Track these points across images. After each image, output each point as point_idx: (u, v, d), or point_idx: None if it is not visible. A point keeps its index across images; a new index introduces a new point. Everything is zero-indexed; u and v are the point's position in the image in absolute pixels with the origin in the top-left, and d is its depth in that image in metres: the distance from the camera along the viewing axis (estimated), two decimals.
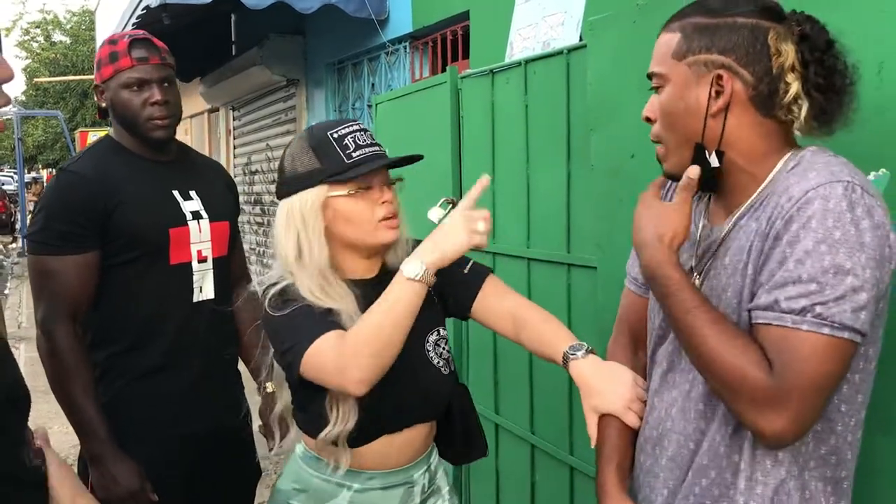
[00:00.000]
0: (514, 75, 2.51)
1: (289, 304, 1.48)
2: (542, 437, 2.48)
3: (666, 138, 1.23)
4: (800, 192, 1.06)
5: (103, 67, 2.04)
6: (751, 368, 1.05)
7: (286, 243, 1.52)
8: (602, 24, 2.00)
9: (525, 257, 2.50)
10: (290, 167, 1.54)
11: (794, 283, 1.03)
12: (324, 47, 5.68)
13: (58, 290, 1.93)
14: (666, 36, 1.21)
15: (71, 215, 1.94)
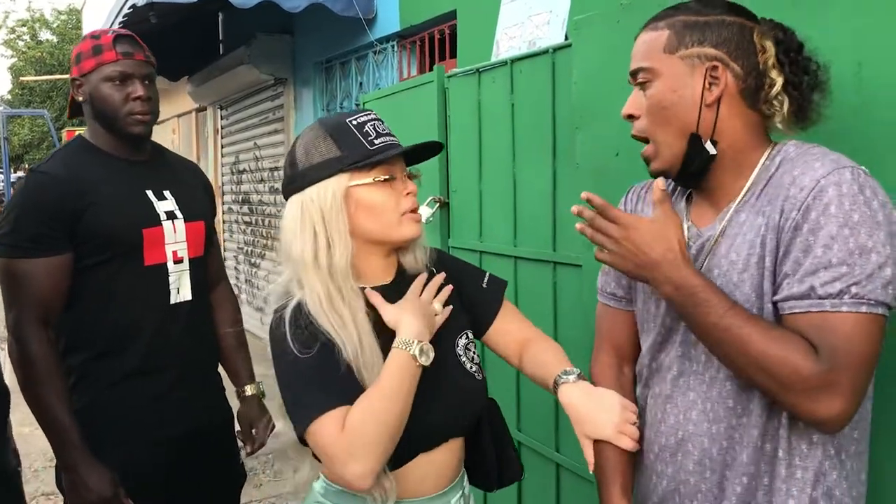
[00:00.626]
0: (500, 74, 2.52)
1: (301, 339, 1.30)
2: (529, 435, 2.49)
3: (655, 133, 1.24)
4: (811, 182, 1.09)
5: (84, 60, 2.01)
6: (799, 358, 1.06)
7: (300, 243, 1.36)
8: (587, 23, 2.01)
9: (512, 255, 2.51)
10: (303, 159, 1.39)
11: (825, 268, 1.06)
12: (311, 46, 5.68)
13: (29, 294, 1.88)
14: (651, 34, 1.24)
15: (41, 217, 1.89)
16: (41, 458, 4.82)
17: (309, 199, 1.37)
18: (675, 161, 1.23)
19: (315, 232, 1.36)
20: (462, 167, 2.77)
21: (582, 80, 2.04)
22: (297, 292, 1.37)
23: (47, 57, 23.20)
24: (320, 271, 1.35)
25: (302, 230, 1.37)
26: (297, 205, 1.38)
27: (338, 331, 1.31)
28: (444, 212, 2.89)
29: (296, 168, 1.40)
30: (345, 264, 1.36)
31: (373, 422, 1.24)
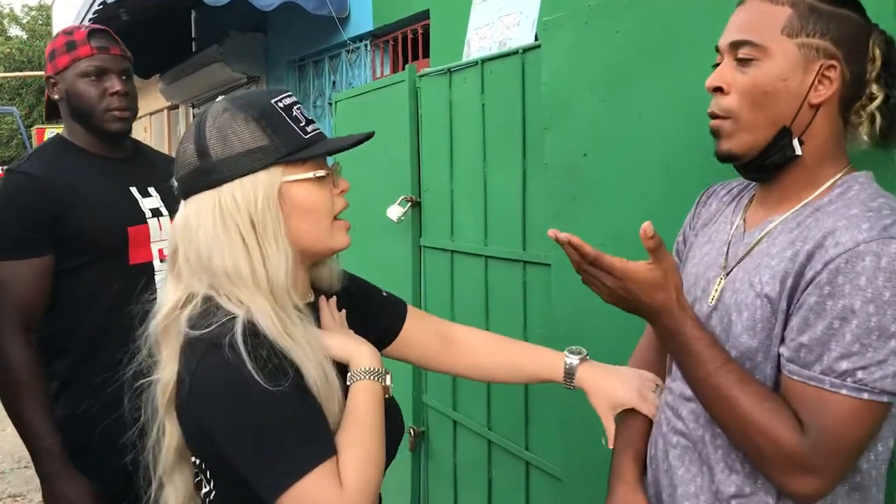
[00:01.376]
0: (471, 74, 2.53)
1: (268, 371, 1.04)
2: (499, 433, 2.50)
3: (744, 114, 1.13)
4: (850, 242, 1.00)
5: (58, 57, 1.96)
6: (785, 432, 1.03)
7: (228, 254, 1.11)
8: (555, 24, 2.03)
9: (482, 255, 2.52)
10: (217, 147, 1.12)
11: (836, 342, 0.99)
12: (285, 45, 5.65)
13: (8, 298, 1.83)
14: (770, 6, 1.12)
15: (20, 219, 1.84)
16: (8, 460, 4.77)
17: (229, 198, 1.12)
18: (753, 149, 1.14)
19: (244, 239, 1.11)
20: (433, 166, 2.78)
21: (551, 80, 2.05)
22: (235, 310, 1.10)
23: (16, 53, 22.88)
24: (259, 289, 1.11)
25: (227, 237, 1.11)
26: (211, 205, 1.12)
27: (301, 357, 1.10)
28: (415, 211, 2.89)
29: (207, 158, 1.13)
30: (284, 279, 1.13)
31: (373, 469, 1.09)
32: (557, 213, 2.06)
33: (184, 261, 1.15)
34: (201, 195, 1.14)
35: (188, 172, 1.15)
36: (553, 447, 2.21)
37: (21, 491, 4.40)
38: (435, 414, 2.91)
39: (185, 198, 1.17)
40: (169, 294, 1.18)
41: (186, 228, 1.14)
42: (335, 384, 1.14)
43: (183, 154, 1.16)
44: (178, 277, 1.17)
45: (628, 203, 1.81)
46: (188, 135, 1.17)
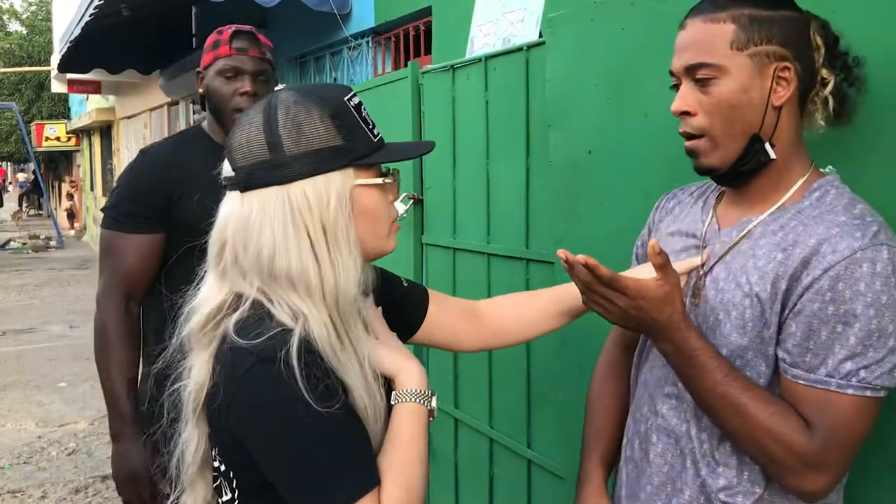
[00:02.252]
0: (474, 71, 2.52)
1: (319, 391, 0.99)
2: (501, 431, 2.50)
3: (716, 131, 1.17)
4: (848, 250, 1.05)
5: (205, 54, 2.08)
6: (794, 437, 1.07)
7: (294, 257, 1.04)
8: (560, 20, 2.02)
9: (485, 252, 2.52)
10: (291, 141, 1.06)
11: (840, 345, 1.04)
12: (286, 41, 5.64)
13: (116, 266, 1.98)
14: (712, 26, 1.16)
15: (136, 196, 1.99)
16: (7, 455, 4.76)
17: (300, 197, 1.05)
18: (729, 160, 1.18)
19: (312, 243, 1.05)
20: (436, 164, 2.77)
21: (555, 77, 2.04)
22: (288, 321, 1.04)
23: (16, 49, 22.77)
24: (324, 299, 1.05)
25: (296, 237, 1.05)
26: (279, 201, 1.05)
27: (352, 376, 1.05)
28: (417, 209, 2.88)
29: (279, 151, 1.06)
30: (354, 287, 1.07)
31: (416, 497, 1.05)
32: (561, 211, 2.05)
33: (232, 258, 1.09)
34: (267, 190, 1.06)
35: (254, 164, 1.07)
36: (555, 445, 2.20)
37: (20, 487, 4.39)
38: (436, 412, 2.90)
39: (244, 190, 1.08)
40: (211, 294, 1.11)
41: (247, 224, 1.07)
42: (380, 403, 1.09)
43: (247, 143, 1.08)
44: (222, 276, 1.11)
45: (633, 200, 1.80)
46: (253, 122, 1.09)
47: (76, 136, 19.92)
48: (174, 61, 7.46)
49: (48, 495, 4.27)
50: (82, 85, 12.89)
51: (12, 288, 11.36)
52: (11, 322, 8.82)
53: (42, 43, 22.18)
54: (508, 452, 2.47)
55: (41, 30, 23.06)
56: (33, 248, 16.52)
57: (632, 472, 1.34)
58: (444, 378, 2.80)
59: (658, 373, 1.29)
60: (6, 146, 25.27)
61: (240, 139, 1.10)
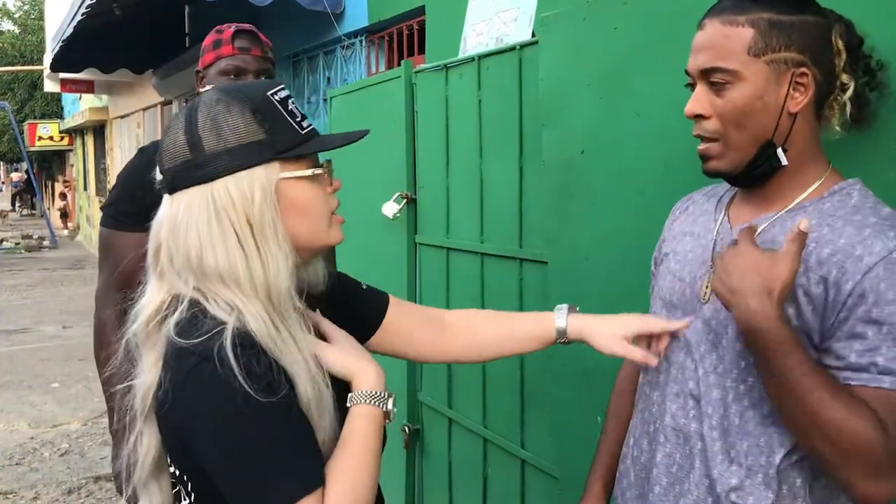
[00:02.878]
0: (467, 70, 2.51)
1: (263, 382, 0.99)
2: (495, 431, 2.50)
3: (730, 136, 1.16)
4: (884, 250, 1.04)
5: (206, 54, 2.08)
6: (873, 432, 1.02)
7: (221, 254, 1.05)
8: (553, 20, 2.02)
9: (478, 252, 2.51)
10: (211, 139, 1.06)
11: (888, 346, 1.03)
12: (279, 40, 5.61)
13: (114, 264, 1.98)
14: (730, 29, 1.13)
15: (135, 197, 1.97)
16: (0, 457, 4.74)
17: (223, 194, 1.06)
18: (741, 165, 1.17)
19: (239, 239, 1.05)
20: (429, 163, 2.76)
21: (548, 76, 2.04)
22: (223, 316, 1.04)
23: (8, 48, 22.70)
24: (255, 291, 1.05)
25: (221, 235, 1.05)
26: (203, 200, 1.06)
27: (295, 367, 1.04)
28: (410, 208, 2.88)
29: (199, 151, 1.06)
30: (286, 280, 1.07)
31: (362, 500, 1.04)
32: (554, 211, 2.05)
33: (167, 260, 1.09)
34: (191, 190, 1.07)
35: (177, 165, 1.08)
36: (549, 445, 2.20)
37: (12, 488, 4.37)
38: (430, 411, 2.90)
39: (171, 192, 1.10)
40: (151, 296, 1.11)
41: (174, 225, 1.08)
42: (328, 398, 1.08)
43: (171, 145, 1.09)
44: (160, 278, 1.10)
45: (626, 200, 1.80)
46: (176, 125, 1.10)
47: (69, 136, 19.87)
48: (167, 60, 7.44)
49: (41, 496, 4.25)
50: (75, 84, 12.87)
51: (5, 288, 11.33)
52: (4, 322, 8.79)
53: (35, 42, 22.11)
54: (502, 452, 2.47)
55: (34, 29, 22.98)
56: (26, 247, 16.48)
57: (640, 473, 1.33)
58: (438, 378, 2.79)
59: (668, 374, 1.29)
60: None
61: (166, 142, 1.11)
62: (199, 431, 1.01)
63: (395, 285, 2.96)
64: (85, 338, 7.74)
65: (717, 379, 1.19)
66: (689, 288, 1.26)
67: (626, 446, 1.40)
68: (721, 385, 1.19)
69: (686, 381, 1.23)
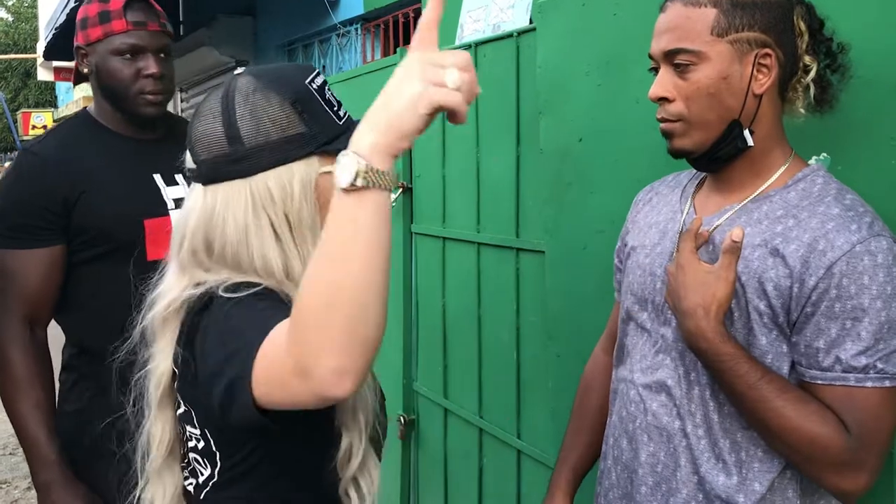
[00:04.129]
0: None
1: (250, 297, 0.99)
2: (491, 421, 2.49)
3: (693, 116, 1.15)
4: (846, 244, 1.05)
5: (90, 28, 1.78)
6: (832, 434, 1.05)
7: (257, 248, 1.03)
8: (551, 6, 1.99)
9: (475, 242, 2.49)
10: (252, 132, 1.03)
11: (852, 341, 1.04)
12: (274, 28, 5.59)
13: (11, 289, 1.72)
14: (692, 10, 1.13)
15: (28, 206, 1.72)
16: None
17: (264, 190, 1.03)
18: (705, 144, 1.16)
19: (276, 234, 1.03)
20: (426, 152, 2.74)
21: (546, 64, 2.02)
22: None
23: (2, 36, 22.62)
24: (294, 287, 1.01)
25: (258, 231, 1.03)
26: (242, 195, 1.04)
27: None
28: (407, 197, 2.86)
29: (239, 144, 1.03)
30: None
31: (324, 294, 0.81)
32: (551, 200, 2.03)
33: (189, 252, 1.06)
34: (230, 184, 1.04)
35: (215, 157, 1.05)
36: (544, 435, 2.19)
37: (6, 478, 4.36)
38: (425, 402, 2.89)
39: (206, 183, 1.06)
40: (172, 283, 1.09)
41: (210, 218, 1.05)
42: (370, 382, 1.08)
43: (207, 135, 1.06)
44: (182, 268, 1.08)
45: (624, 188, 1.78)
46: (212, 112, 1.07)
47: None
48: None
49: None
50: (69, 72, 12.78)
51: None
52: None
53: (28, 30, 22.01)
54: (498, 442, 2.46)
55: (27, 17, 22.87)
56: None
57: (622, 474, 1.31)
58: (434, 368, 2.78)
59: (646, 372, 1.27)
60: None
61: (200, 131, 1.07)
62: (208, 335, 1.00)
63: (391, 275, 2.94)
64: None
65: (696, 376, 1.19)
66: (660, 281, 1.26)
67: (605, 445, 1.38)
68: (700, 382, 1.18)
69: (665, 379, 1.22)
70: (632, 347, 1.32)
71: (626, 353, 1.34)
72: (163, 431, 1.11)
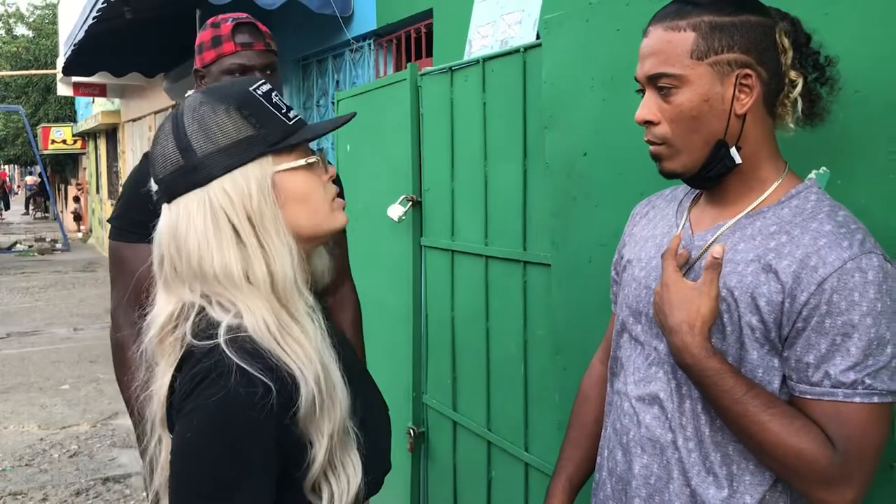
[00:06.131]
0: (472, 73, 2.51)
1: (251, 387, 0.99)
2: (499, 434, 2.49)
3: (679, 140, 1.17)
4: (838, 261, 1.05)
5: (205, 51, 1.96)
6: (818, 449, 1.06)
7: (218, 255, 1.05)
8: (556, 22, 2.01)
9: (483, 255, 2.51)
10: (200, 141, 1.06)
11: (841, 357, 1.05)
12: (288, 44, 5.64)
13: (128, 279, 1.83)
14: (672, 35, 1.15)
15: (143, 203, 1.81)
16: (9, 458, 4.77)
17: (220, 195, 1.06)
18: (694, 166, 1.18)
19: (239, 238, 1.05)
20: (434, 165, 2.77)
21: (552, 79, 2.04)
22: (220, 315, 1.05)
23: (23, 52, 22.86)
24: (256, 289, 1.05)
25: (217, 237, 1.05)
26: (200, 205, 1.06)
27: (296, 366, 1.03)
28: (416, 210, 2.88)
29: (191, 155, 1.06)
30: (292, 273, 1.07)
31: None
32: (557, 213, 2.04)
33: (170, 269, 1.09)
34: (188, 196, 1.07)
35: (171, 172, 1.08)
36: (553, 448, 2.19)
37: (22, 489, 4.40)
38: (435, 414, 2.89)
39: (168, 201, 1.10)
40: (161, 306, 1.11)
41: (174, 234, 1.08)
42: (339, 386, 1.07)
43: (162, 154, 1.09)
44: (167, 288, 1.10)
45: (629, 202, 1.78)
46: (164, 133, 1.10)
47: (82, 139, 19.98)
48: (178, 64, 7.48)
49: (49, 498, 4.27)
50: (88, 88, 12.94)
51: (17, 290, 11.39)
52: (16, 324, 8.85)
53: (48, 46, 22.25)
54: (506, 455, 2.46)
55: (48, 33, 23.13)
56: (39, 250, 16.57)
57: (616, 485, 1.32)
58: (443, 381, 2.79)
59: (639, 384, 1.28)
60: (13, 149, 25.34)
61: (157, 151, 1.11)
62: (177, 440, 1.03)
63: (400, 287, 2.96)
64: (95, 340, 7.78)
65: (688, 389, 1.20)
66: (654, 295, 1.26)
67: (601, 457, 1.39)
68: (692, 395, 1.19)
69: (658, 392, 1.23)
70: (626, 360, 1.33)
71: (621, 365, 1.34)
72: (167, 449, 1.13)
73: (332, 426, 1.06)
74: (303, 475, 1.05)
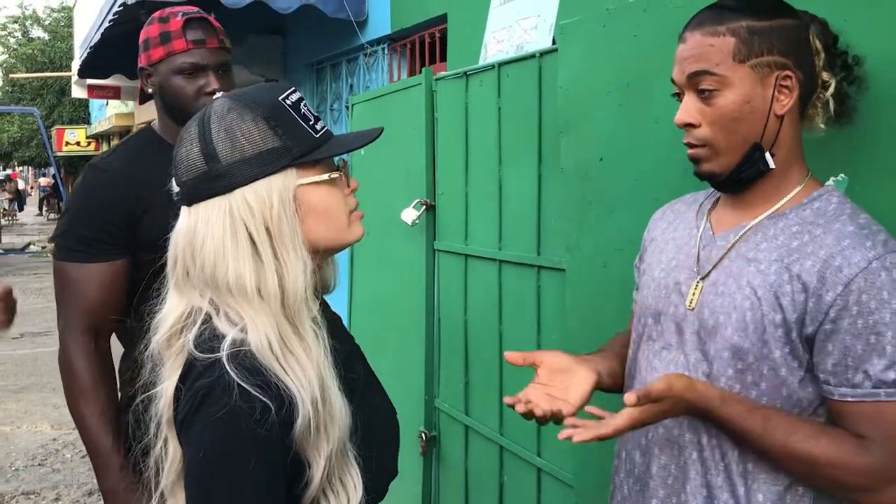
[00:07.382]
0: (487, 78, 2.52)
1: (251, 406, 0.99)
2: (511, 439, 2.49)
3: (718, 141, 1.18)
4: (863, 261, 1.07)
5: (152, 49, 1.82)
6: (853, 458, 1.06)
7: (233, 266, 1.04)
8: (572, 27, 2.02)
9: (497, 259, 2.51)
10: (226, 150, 1.06)
11: (878, 355, 1.05)
12: (303, 48, 5.67)
13: (76, 300, 1.76)
14: (712, 39, 1.16)
15: (94, 220, 1.76)
16: (22, 457, 4.79)
17: (242, 205, 1.05)
18: (729, 167, 1.20)
19: (256, 249, 1.05)
20: (449, 170, 2.77)
21: (567, 84, 2.04)
22: (225, 328, 1.05)
23: (38, 54, 23.02)
24: (266, 304, 1.04)
25: (234, 247, 1.05)
26: (221, 212, 1.06)
27: (294, 384, 1.02)
28: (430, 215, 2.88)
29: (215, 162, 1.06)
30: (303, 289, 1.06)
31: None
32: (572, 218, 2.05)
33: (183, 273, 1.09)
34: (209, 202, 1.07)
35: (194, 178, 1.08)
36: (565, 453, 2.19)
37: (34, 489, 4.42)
38: (447, 418, 2.89)
39: (189, 204, 1.10)
40: (171, 307, 1.11)
41: (191, 239, 1.08)
42: (338, 406, 1.06)
43: (186, 157, 1.09)
44: (179, 290, 1.10)
45: (644, 208, 1.78)
46: (190, 136, 1.10)
47: (96, 141, 20.12)
48: None
49: (62, 497, 4.29)
50: (102, 90, 13.01)
51: (30, 291, 11.46)
52: (29, 325, 8.89)
53: (64, 49, 22.40)
54: (518, 460, 2.46)
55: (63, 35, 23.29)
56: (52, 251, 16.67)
57: (634, 486, 1.33)
58: (456, 385, 2.79)
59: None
60: (27, 151, 25.54)
61: (181, 155, 1.11)
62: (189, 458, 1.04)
63: (413, 291, 2.97)
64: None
65: None
66: (674, 295, 1.28)
67: (618, 459, 1.40)
68: None
69: None
70: (644, 361, 1.34)
71: (639, 367, 1.35)
72: (174, 450, 1.12)
73: (329, 447, 1.05)
74: (300, 493, 1.05)
